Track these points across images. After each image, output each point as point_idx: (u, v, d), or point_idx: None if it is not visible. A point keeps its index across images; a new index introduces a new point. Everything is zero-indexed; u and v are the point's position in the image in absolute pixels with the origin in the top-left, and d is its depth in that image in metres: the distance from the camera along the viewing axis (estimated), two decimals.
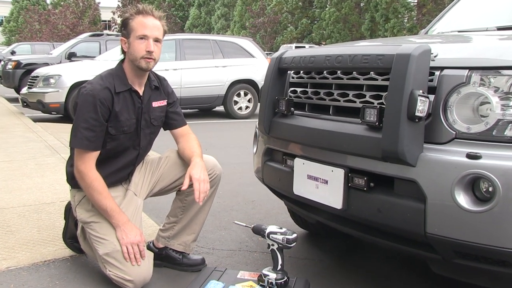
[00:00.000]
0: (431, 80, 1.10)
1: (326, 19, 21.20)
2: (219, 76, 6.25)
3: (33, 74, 6.08)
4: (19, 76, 7.83)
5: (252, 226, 1.42)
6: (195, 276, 1.51)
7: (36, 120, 5.60)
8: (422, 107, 1.05)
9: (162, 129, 1.64)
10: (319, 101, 1.36)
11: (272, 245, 1.36)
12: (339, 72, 1.29)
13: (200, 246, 1.82)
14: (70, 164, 1.52)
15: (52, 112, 5.71)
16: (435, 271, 1.18)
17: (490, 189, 0.98)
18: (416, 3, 18.58)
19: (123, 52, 1.48)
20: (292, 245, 1.34)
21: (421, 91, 1.06)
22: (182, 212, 1.60)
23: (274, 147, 1.52)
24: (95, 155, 1.44)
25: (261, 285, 1.37)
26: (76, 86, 5.24)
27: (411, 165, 1.07)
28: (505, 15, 1.77)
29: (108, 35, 8.86)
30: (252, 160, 1.76)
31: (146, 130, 1.54)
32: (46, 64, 7.24)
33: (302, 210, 1.49)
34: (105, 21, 24.68)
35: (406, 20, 18.49)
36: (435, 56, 1.11)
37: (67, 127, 1.41)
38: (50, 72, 5.73)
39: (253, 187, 2.60)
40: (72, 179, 1.51)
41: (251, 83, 6.43)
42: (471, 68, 1.06)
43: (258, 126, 1.63)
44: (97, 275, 1.53)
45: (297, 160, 1.37)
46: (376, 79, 1.19)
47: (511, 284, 1.06)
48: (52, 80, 5.60)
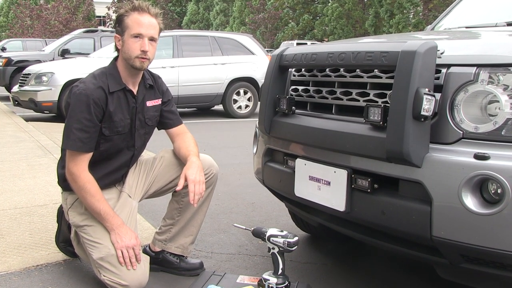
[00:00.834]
0: (438, 78, 1.08)
1: (329, 15, 21.07)
2: (217, 74, 6.19)
3: (24, 71, 6.01)
4: (10, 74, 7.73)
5: (252, 229, 1.39)
6: (193, 281, 1.48)
7: (28, 119, 5.54)
8: (428, 106, 1.03)
9: (156, 128, 1.59)
10: (321, 99, 1.33)
11: (273, 248, 1.33)
12: (342, 69, 1.26)
13: (198, 250, 1.79)
14: (62, 165, 1.48)
15: (45, 111, 5.65)
16: (441, 276, 1.16)
17: (499, 191, 0.96)
18: None
19: (117, 49, 1.44)
20: (293, 248, 1.32)
21: (427, 90, 1.03)
22: (178, 214, 1.57)
23: (274, 147, 1.50)
24: (88, 156, 1.40)
25: None
26: (69, 84, 5.17)
27: (417, 166, 1.04)
28: None
29: (102, 31, 8.77)
30: (252, 161, 1.73)
31: (140, 131, 1.51)
32: (38, 61, 7.16)
33: (304, 212, 1.47)
34: (99, 16, 24.47)
35: (411, 16, 18.36)
36: (441, 53, 1.09)
37: (60, 127, 1.37)
38: (43, 70, 5.65)
39: (253, 188, 2.58)
40: (64, 182, 1.47)
41: (251, 81, 6.38)
42: (479, 65, 1.04)
43: (258, 126, 1.61)
44: (91, 279, 1.50)
45: (298, 160, 1.35)
46: (381, 77, 1.17)
47: None
48: (44, 78, 5.52)
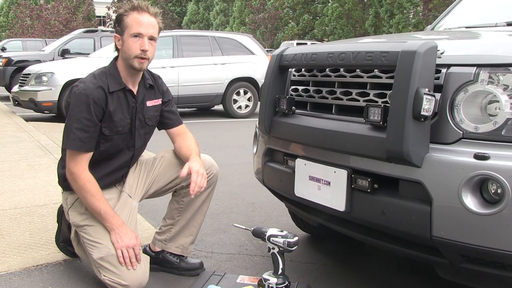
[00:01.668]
0: (438, 78, 1.08)
1: (329, 15, 21.03)
2: (217, 74, 6.19)
3: (24, 71, 6.00)
4: (10, 74, 7.73)
5: (252, 229, 1.39)
6: (193, 281, 1.48)
7: (28, 119, 5.54)
8: (428, 106, 1.03)
9: (156, 129, 1.59)
10: (321, 99, 1.33)
11: (273, 248, 1.33)
12: (342, 69, 1.26)
13: (198, 250, 1.79)
14: (62, 165, 1.48)
15: (45, 111, 5.64)
16: (441, 276, 1.15)
17: (499, 191, 0.96)
18: None
19: (117, 49, 1.44)
20: (293, 248, 1.31)
21: (427, 90, 1.03)
22: (179, 214, 1.56)
23: (274, 147, 1.50)
24: (88, 156, 1.40)
25: None
26: (69, 84, 5.17)
27: (417, 166, 1.04)
28: None
29: (103, 31, 8.77)
30: (252, 161, 1.73)
31: (140, 131, 1.51)
32: (38, 61, 7.15)
33: (304, 212, 1.47)
34: (99, 16, 24.45)
35: (411, 16, 18.30)
36: (441, 53, 1.09)
37: (60, 127, 1.37)
38: (43, 70, 5.65)
39: (253, 188, 2.58)
40: (64, 181, 1.47)
41: (251, 81, 6.37)
42: (479, 65, 1.04)
43: (258, 126, 1.60)
44: (91, 279, 1.49)
45: (298, 160, 1.34)
46: (381, 77, 1.17)
47: None
48: (44, 78, 5.52)
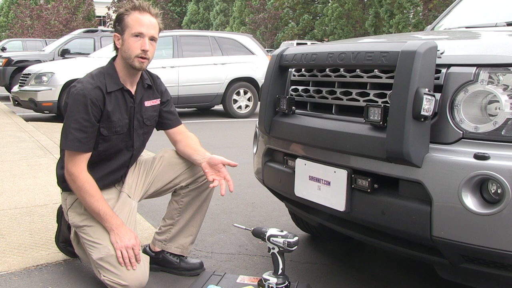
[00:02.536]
0: (438, 78, 1.08)
1: (329, 15, 21.02)
2: (218, 74, 6.19)
3: (24, 71, 6.00)
4: (10, 74, 7.72)
5: (252, 229, 1.39)
6: (193, 281, 1.48)
7: (28, 119, 5.54)
8: (428, 106, 1.03)
9: (155, 129, 1.59)
10: (321, 99, 1.33)
11: (273, 248, 1.33)
12: (342, 69, 1.26)
13: (198, 250, 1.79)
14: (61, 166, 1.48)
15: (45, 111, 5.64)
16: (442, 276, 1.15)
17: (499, 191, 0.96)
18: None
19: (116, 48, 1.44)
20: (293, 248, 1.31)
21: (427, 90, 1.03)
22: (178, 214, 1.56)
23: (274, 147, 1.49)
24: (87, 156, 1.40)
25: None
26: (69, 84, 5.16)
27: (417, 166, 1.04)
28: None
29: (103, 31, 8.76)
30: (252, 161, 1.73)
31: (139, 131, 1.51)
32: (38, 61, 7.15)
33: (304, 212, 1.47)
34: (99, 16, 24.44)
35: (411, 16, 18.28)
36: (441, 53, 1.09)
37: (60, 127, 1.37)
38: (43, 70, 5.65)
39: (253, 188, 2.58)
40: (63, 182, 1.47)
41: (251, 81, 6.37)
42: (479, 65, 1.03)
43: (258, 126, 1.60)
44: (91, 280, 1.49)
45: (298, 160, 1.34)
46: (380, 77, 1.17)
47: None
48: (44, 78, 5.52)
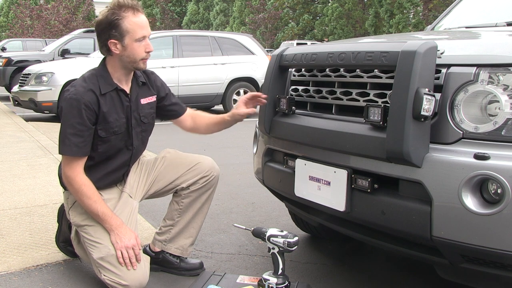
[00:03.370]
0: (438, 78, 1.08)
1: (329, 15, 21.01)
2: (217, 74, 6.19)
3: (24, 71, 6.00)
4: (10, 74, 7.72)
5: (252, 229, 1.39)
6: (193, 281, 1.48)
7: (28, 119, 5.54)
8: (428, 106, 1.03)
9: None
10: (321, 99, 1.33)
11: (273, 248, 1.33)
12: (342, 69, 1.26)
13: (198, 250, 1.79)
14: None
15: (45, 111, 5.63)
16: (441, 276, 1.15)
17: (499, 191, 0.95)
18: None
19: (107, 52, 1.39)
20: (293, 248, 1.31)
21: (427, 90, 1.03)
22: (179, 215, 1.56)
23: (274, 147, 1.49)
24: (84, 159, 1.41)
25: None
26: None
27: (417, 166, 1.04)
28: None
29: None
30: (252, 161, 1.73)
31: (137, 129, 1.50)
32: (38, 61, 7.15)
33: (304, 212, 1.46)
34: None
35: (411, 16, 18.29)
36: (441, 53, 1.09)
37: (60, 127, 1.37)
38: (43, 70, 5.65)
39: (253, 188, 2.57)
40: None
41: (251, 81, 6.37)
42: (479, 65, 1.03)
43: (258, 126, 1.60)
44: (91, 279, 1.49)
45: (298, 160, 1.34)
46: (381, 77, 1.16)
47: None
48: (44, 78, 5.52)
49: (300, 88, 1.42)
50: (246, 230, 1.41)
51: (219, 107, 6.51)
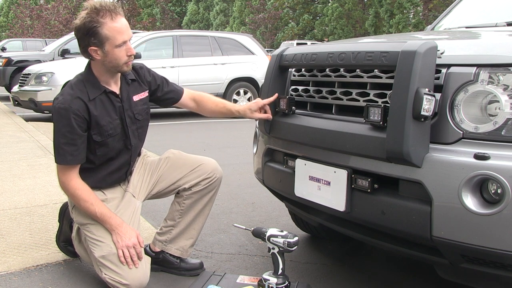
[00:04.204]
0: (438, 78, 1.07)
1: (329, 15, 21.03)
2: (217, 74, 6.19)
3: (24, 71, 6.00)
4: (10, 74, 7.72)
5: (252, 229, 1.39)
6: (193, 281, 1.48)
7: (28, 119, 5.53)
8: (428, 106, 1.03)
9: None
10: (321, 99, 1.33)
11: (273, 248, 1.33)
12: (342, 69, 1.26)
13: (198, 250, 1.79)
14: None
15: (45, 111, 5.63)
16: (441, 276, 1.15)
17: (499, 191, 0.95)
18: None
19: (90, 57, 1.37)
20: (293, 248, 1.31)
21: (427, 90, 1.03)
22: (180, 216, 1.56)
23: (274, 147, 1.49)
24: (78, 165, 1.41)
25: None
26: None
27: (417, 166, 1.04)
28: None
29: None
30: (252, 161, 1.73)
31: (132, 127, 1.50)
32: (38, 61, 7.15)
33: (304, 212, 1.46)
34: None
35: (411, 16, 18.32)
36: (441, 53, 1.08)
37: (53, 136, 1.37)
38: (43, 70, 5.65)
39: (253, 188, 2.58)
40: None
41: (251, 81, 6.37)
42: (479, 65, 1.03)
43: (258, 126, 1.60)
44: (91, 279, 1.49)
45: (298, 160, 1.34)
46: (381, 77, 1.16)
47: None
48: (44, 78, 5.52)
49: (300, 88, 1.42)
50: (246, 230, 1.41)
51: None
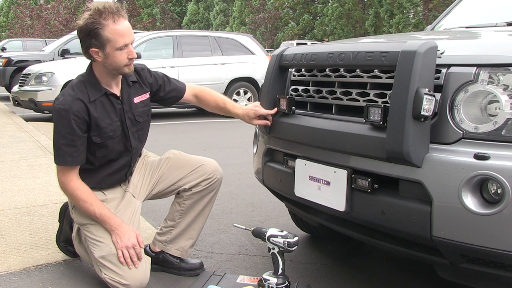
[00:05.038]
0: (438, 78, 1.07)
1: (329, 15, 21.04)
2: (217, 74, 6.19)
3: (24, 71, 6.00)
4: (10, 74, 7.72)
5: (252, 229, 1.39)
6: (193, 281, 1.48)
7: (28, 119, 5.54)
8: (428, 106, 1.03)
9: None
10: (321, 99, 1.33)
11: (273, 248, 1.33)
12: (342, 69, 1.26)
13: (198, 250, 1.79)
14: None
15: (45, 111, 5.63)
16: (441, 276, 1.15)
17: (499, 191, 0.95)
18: None
19: (91, 58, 1.37)
20: (293, 248, 1.31)
21: (427, 90, 1.03)
22: (180, 216, 1.56)
23: (274, 147, 1.49)
24: (78, 166, 1.41)
25: None
26: None
27: (417, 166, 1.04)
28: None
29: None
30: (252, 161, 1.73)
31: (132, 129, 1.50)
32: (38, 61, 7.15)
33: (304, 212, 1.46)
34: None
35: (411, 16, 18.33)
36: (441, 53, 1.08)
37: (52, 137, 1.37)
38: (43, 70, 5.65)
39: (253, 188, 2.58)
40: None
41: (251, 81, 6.38)
42: (479, 65, 1.03)
43: (258, 126, 1.60)
44: (91, 279, 1.50)
45: (298, 160, 1.34)
46: (381, 77, 1.16)
47: None
48: (44, 78, 5.52)
49: (300, 88, 1.42)
50: (246, 230, 1.41)
51: None
